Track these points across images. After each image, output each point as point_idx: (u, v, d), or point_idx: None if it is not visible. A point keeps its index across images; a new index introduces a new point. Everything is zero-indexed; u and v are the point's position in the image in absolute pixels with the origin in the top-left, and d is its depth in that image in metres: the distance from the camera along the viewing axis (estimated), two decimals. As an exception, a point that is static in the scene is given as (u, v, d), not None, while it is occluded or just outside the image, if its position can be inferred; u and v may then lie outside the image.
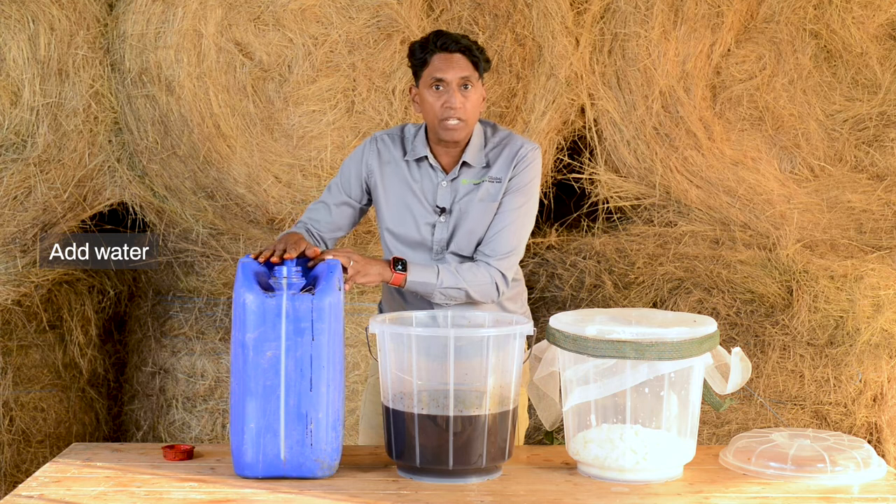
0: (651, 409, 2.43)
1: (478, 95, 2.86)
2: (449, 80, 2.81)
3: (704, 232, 4.39)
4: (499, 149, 2.92)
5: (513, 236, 2.89)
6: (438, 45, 2.83)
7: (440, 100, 2.82)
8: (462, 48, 2.83)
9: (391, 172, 2.93)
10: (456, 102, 2.81)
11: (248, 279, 2.41)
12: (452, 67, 2.82)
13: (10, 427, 4.20)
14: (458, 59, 2.83)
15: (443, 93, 2.82)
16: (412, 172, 2.92)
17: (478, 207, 2.88)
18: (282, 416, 2.38)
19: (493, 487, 2.40)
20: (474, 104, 2.85)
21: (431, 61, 2.84)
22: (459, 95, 2.82)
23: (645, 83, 4.41)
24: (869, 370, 4.01)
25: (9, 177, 4.17)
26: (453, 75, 2.81)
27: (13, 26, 4.17)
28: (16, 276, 4.15)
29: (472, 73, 2.83)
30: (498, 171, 2.90)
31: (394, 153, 2.94)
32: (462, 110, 2.82)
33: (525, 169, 2.90)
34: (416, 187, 2.91)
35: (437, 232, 2.90)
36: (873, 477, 2.47)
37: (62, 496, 2.30)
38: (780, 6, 4.51)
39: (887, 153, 4.52)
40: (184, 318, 4.35)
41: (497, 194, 2.89)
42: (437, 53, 2.84)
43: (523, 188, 2.90)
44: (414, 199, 2.91)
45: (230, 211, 4.35)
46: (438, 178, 2.91)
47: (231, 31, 4.31)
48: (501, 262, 2.86)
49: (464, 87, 2.82)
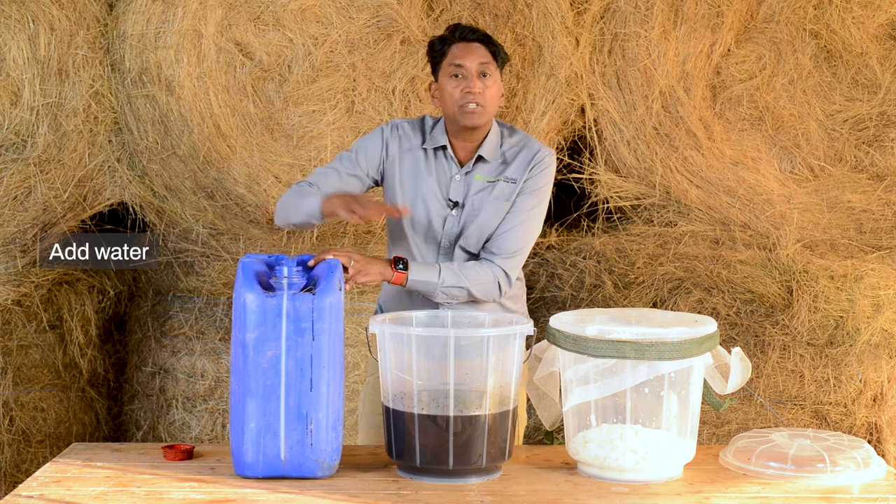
0: (651, 409, 2.43)
1: (496, 86, 2.90)
2: (468, 67, 2.86)
3: (704, 232, 4.39)
4: (516, 149, 2.96)
5: (521, 237, 2.91)
6: (457, 36, 2.90)
7: (460, 86, 2.86)
8: (480, 37, 2.91)
9: (409, 161, 2.95)
10: (475, 87, 2.85)
11: (249, 279, 2.41)
12: (471, 54, 2.87)
13: (10, 427, 4.20)
14: (477, 48, 2.89)
15: (462, 79, 2.87)
16: (428, 162, 2.94)
17: (491, 205, 2.90)
18: (282, 416, 2.38)
19: (493, 487, 2.40)
20: (493, 93, 2.89)
21: (451, 51, 2.89)
22: (479, 81, 2.86)
23: (645, 83, 4.41)
24: (869, 370, 4.01)
25: (9, 177, 4.17)
26: (472, 61, 2.86)
27: (13, 26, 4.17)
28: (16, 276, 4.15)
29: (490, 61, 2.88)
30: (514, 172, 2.93)
31: (413, 141, 2.97)
32: (481, 96, 2.86)
33: (541, 172, 2.94)
34: (430, 178, 2.93)
35: (447, 225, 2.92)
36: (873, 477, 2.47)
37: (62, 496, 2.30)
38: (780, 6, 4.51)
39: (887, 153, 4.52)
40: (184, 318, 4.35)
41: (511, 194, 2.91)
42: (456, 43, 2.90)
43: (537, 191, 2.93)
44: (428, 190, 2.93)
45: (230, 211, 4.35)
46: (453, 171, 2.93)
47: (231, 31, 4.31)
48: (506, 262, 2.88)
49: (483, 74, 2.87)
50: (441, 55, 2.91)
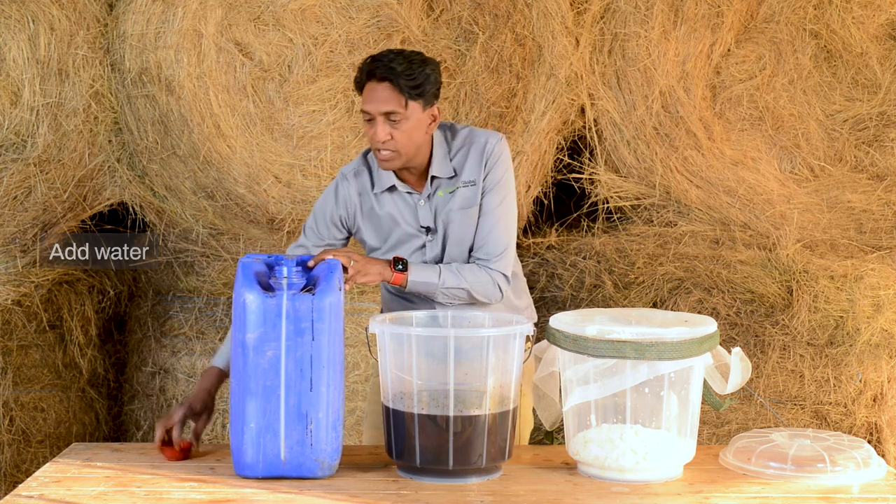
0: (651, 409, 2.43)
1: (410, 123, 2.72)
2: (373, 113, 2.71)
3: (704, 232, 4.39)
4: (464, 150, 2.84)
5: (502, 235, 2.84)
6: (365, 76, 2.74)
7: (369, 130, 2.74)
8: (388, 75, 2.69)
9: (369, 207, 2.88)
10: (380, 136, 2.71)
11: (249, 279, 2.41)
12: (375, 99, 2.70)
13: (10, 427, 4.20)
14: (384, 90, 2.70)
15: (371, 124, 2.73)
16: (387, 202, 2.86)
17: (459, 216, 2.83)
18: (282, 417, 2.38)
19: (493, 487, 2.40)
20: (406, 134, 2.72)
21: (363, 93, 2.75)
22: (386, 127, 2.71)
23: (645, 83, 4.41)
24: (869, 370, 4.01)
25: (9, 177, 4.17)
26: (376, 107, 2.70)
27: (13, 26, 4.17)
28: (16, 276, 4.15)
29: (396, 105, 2.69)
30: (470, 174, 2.83)
31: (366, 186, 2.87)
32: (391, 142, 2.72)
33: (497, 164, 2.82)
34: (396, 215, 2.85)
35: (428, 251, 2.87)
36: (873, 477, 2.47)
37: (62, 496, 2.30)
38: (780, 6, 4.51)
39: (887, 153, 4.52)
40: (184, 318, 4.35)
41: (475, 197, 2.83)
42: (366, 83, 2.74)
43: (499, 184, 2.83)
44: (398, 228, 2.86)
45: (230, 211, 4.35)
46: (414, 200, 2.85)
47: (231, 31, 4.31)
48: (498, 263, 2.83)
49: (389, 118, 2.71)
50: (360, 91, 2.76)
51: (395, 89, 2.70)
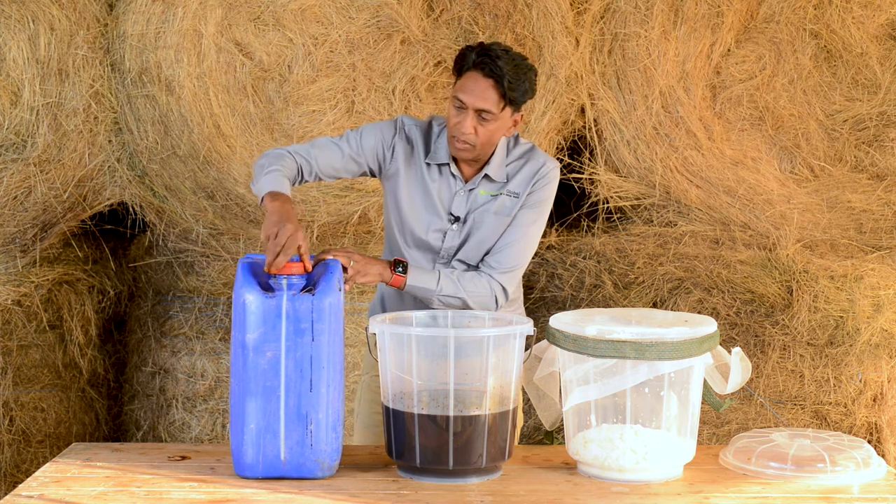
0: (651, 409, 2.43)
1: (497, 124, 2.76)
2: (468, 104, 2.73)
3: (704, 232, 4.39)
4: (520, 162, 2.87)
5: (521, 252, 2.87)
6: (473, 63, 2.73)
7: (456, 117, 2.76)
8: (495, 74, 2.70)
9: (412, 170, 2.88)
10: (466, 128, 2.74)
11: (248, 279, 2.41)
12: (475, 93, 2.72)
13: (10, 427, 4.20)
14: (486, 87, 2.72)
15: (460, 112, 2.75)
16: (432, 174, 2.87)
17: (492, 220, 2.85)
18: (282, 417, 2.38)
19: (493, 487, 2.40)
20: (489, 133, 2.76)
21: (463, 77, 2.75)
22: (473, 122, 2.74)
23: (645, 83, 4.41)
24: (869, 370, 4.01)
25: (9, 177, 4.17)
26: (473, 101, 2.72)
27: (13, 26, 4.17)
28: (16, 276, 4.15)
29: (493, 106, 2.71)
30: (517, 186, 2.86)
31: (418, 150, 2.88)
32: (472, 136, 2.75)
33: (544, 186, 2.87)
34: (433, 191, 2.86)
35: (447, 239, 2.87)
36: (873, 477, 2.47)
37: (62, 496, 2.30)
38: (780, 6, 4.51)
39: (887, 153, 4.52)
40: (184, 318, 4.35)
41: (513, 208, 2.86)
42: (470, 71, 2.74)
43: (539, 205, 2.87)
44: (429, 203, 2.87)
45: (230, 211, 4.35)
46: (457, 186, 2.87)
47: (231, 31, 4.31)
48: (504, 276, 2.84)
49: (481, 115, 2.74)
50: (458, 74, 2.77)
51: (497, 90, 2.72)
